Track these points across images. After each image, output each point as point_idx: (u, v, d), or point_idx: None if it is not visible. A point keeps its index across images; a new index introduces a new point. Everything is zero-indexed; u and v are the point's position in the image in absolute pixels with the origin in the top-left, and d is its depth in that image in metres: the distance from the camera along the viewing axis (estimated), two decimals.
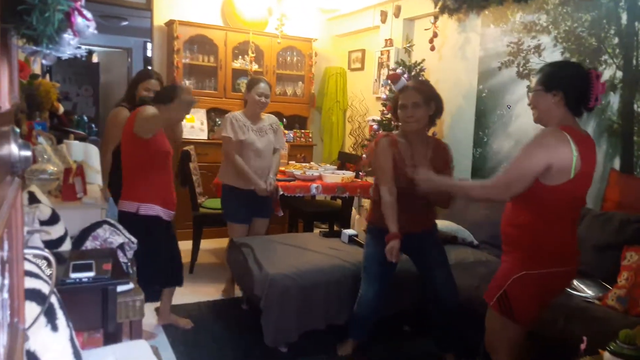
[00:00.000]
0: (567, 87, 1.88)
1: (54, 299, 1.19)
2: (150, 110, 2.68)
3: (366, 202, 5.40)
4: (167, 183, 2.83)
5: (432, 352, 2.86)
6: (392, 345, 3.02)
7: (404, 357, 2.92)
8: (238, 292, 3.57)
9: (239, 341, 2.97)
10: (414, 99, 2.57)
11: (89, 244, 2.25)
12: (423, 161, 2.61)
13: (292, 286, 2.74)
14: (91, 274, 1.70)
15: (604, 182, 3.13)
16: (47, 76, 5.58)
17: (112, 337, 1.75)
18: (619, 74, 3.07)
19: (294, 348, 2.83)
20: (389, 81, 2.68)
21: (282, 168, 4.31)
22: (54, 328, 1.15)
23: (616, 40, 3.09)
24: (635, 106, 2.98)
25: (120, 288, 2.03)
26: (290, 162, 4.77)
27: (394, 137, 2.69)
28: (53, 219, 2.02)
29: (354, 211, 4.89)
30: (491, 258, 3.25)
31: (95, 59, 8.49)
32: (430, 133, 4.30)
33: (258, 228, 3.55)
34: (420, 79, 2.72)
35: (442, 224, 3.56)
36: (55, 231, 2.03)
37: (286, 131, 5.49)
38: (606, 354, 1.11)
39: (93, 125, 7.75)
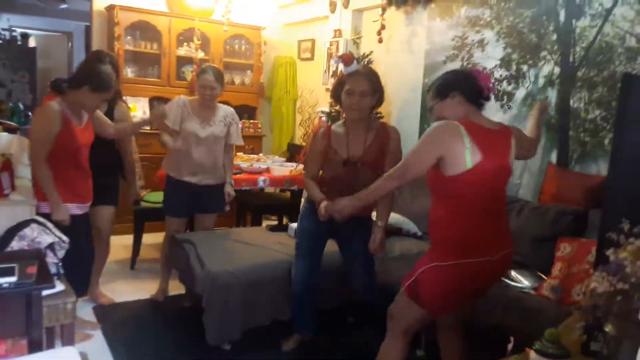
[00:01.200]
0: (459, 86, 1.98)
1: None
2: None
3: None
4: (78, 179, 2.68)
5: (377, 340, 2.88)
6: (337, 336, 3.03)
7: (350, 348, 2.93)
8: (174, 290, 3.48)
9: (181, 340, 2.89)
10: (362, 87, 2.46)
11: (15, 245, 2.12)
12: (359, 148, 2.55)
13: (235, 284, 2.69)
14: (13, 278, 1.59)
15: (541, 176, 3.23)
16: None
17: (37, 345, 1.65)
18: (557, 69, 3.17)
19: (238, 345, 2.79)
20: (340, 60, 2.57)
21: None
22: None
23: (554, 36, 3.18)
24: (571, 102, 3.09)
25: (50, 290, 1.93)
26: (237, 153, 4.68)
27: (327, 129, 2.65)
28: None
29: (303, 203, 4.87)
30: None
31: (32, 43, 8.05)
32: None
33: (204, 223, 3.42)
34: (368, 67, 2.62)
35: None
36: None
37: None
38: (532, 353, 1.14)
39: (30, 114, 7.38)
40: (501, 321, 2.37)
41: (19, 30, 7.84)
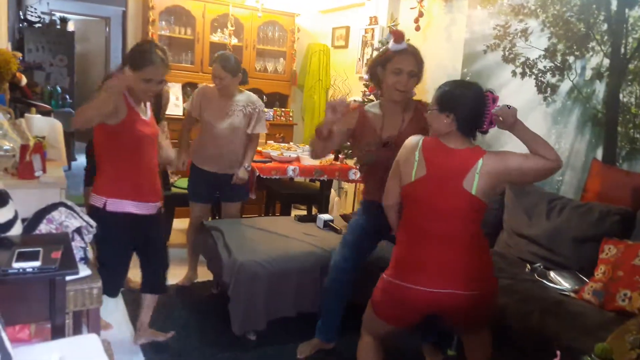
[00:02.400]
0: (459, 108, 1.87)
1: None
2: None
3: (346, 185, 5.32)
4: (141, 174, 2.40)
5: (409, 338, 2.81)
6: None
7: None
8: (203, 277, 3.46)
9: (207, 328, 2.88)
10: (411, 66, 2.31)
11: (43, 228, 2.10)
12: (394, 129, 2.41)
13: (262, 273, 2.64)
14: (37, 263, 1.57)
15: (585, 173, 3.07)
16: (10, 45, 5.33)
17: (60, 330, 1.63)
18: (606, 61, 2.98)
19: (263, 336, 2.75)
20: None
21: (259, 148, 4.18)
22: None
23: (605, 26, 2.99)
24: (621, 95, 2.90)
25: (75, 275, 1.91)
26: (268, 142, 4.63)
27: (360, 107, 2.53)
28: (0, 201, 1.87)
29: (333, 193, 4.80)
30: None
31: (70, 27, 8.15)
32: None
33: (229, 212, 3.42)
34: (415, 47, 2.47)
35: None
36: (3, 214, 1.89)
37: (266, 109, 5.32)
38: None
39: (67, 97, 7.49)
40: (540, 325, 2.25)
41: (58, 14, 7.94)
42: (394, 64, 2.32)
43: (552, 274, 2.67)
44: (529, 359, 2.26)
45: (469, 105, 1.88)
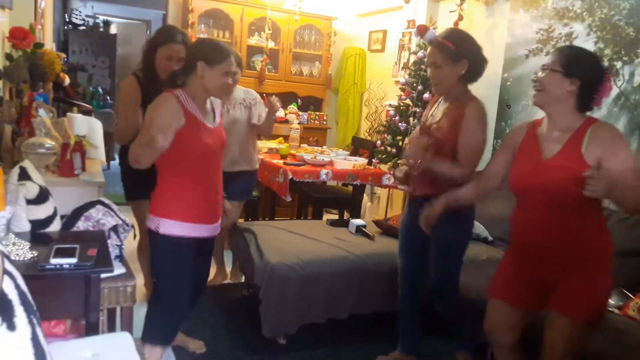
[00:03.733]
0: (586, 78, 1.71)
1: (12, 293, 1.08)
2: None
3: (379, 190, 5.26)
4: (205, 193, 2.15)
5: (442, 350, 2.75)
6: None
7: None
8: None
9: (236, 330, 2.87)
10: (432, 57, 2.23)
11: (80, 225, 2.14)
12: (435, 119, 2.31)
13: (293, 277, 2.62)
14: (73, 260, 1.59)
15: None
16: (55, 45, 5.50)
17: (93, 327, 1.65)
18: None
19: (293, 340, 2.72)
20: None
21: (292, 151, 4.18)
22: (11, 327, 1.04)
23: None
24: None
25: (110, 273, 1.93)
26: (302, 145, 4.62)
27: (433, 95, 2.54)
28: (41, 198, 1.92)
29: (365, 198, 4.75)
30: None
31: (113, 30, 8.38)
32: None
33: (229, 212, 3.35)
34: (454, 30, 2.39)
35: None
36: (43, 211, 1.93)
37: (300, 112, 5.35)
38: None
39: (108, 97, 7.70)
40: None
41: (102, 17, 8.18)
42: (427, 59, 2.32)
43: None
44: None
45: (596, 74, 1.73)
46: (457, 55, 2.18)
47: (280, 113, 5.19)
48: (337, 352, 2.72)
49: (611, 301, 2.47)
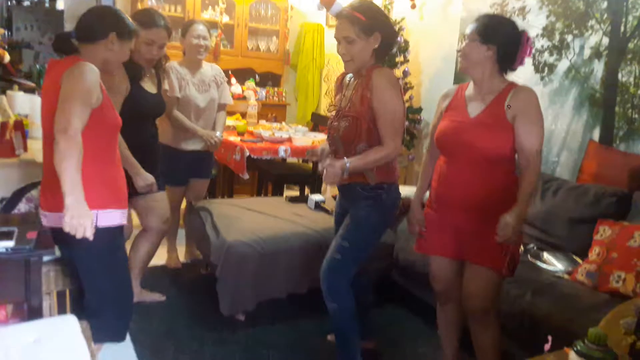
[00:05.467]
0: (501, 42, 1.87)
1: None
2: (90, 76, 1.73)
3: None
4: (120, 173, 1.95)
5: (400, 319, 2.80)
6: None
7: (372, 327, 2.82)
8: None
9: (194, 308, 2.83)
10: (345, 32, 2.00)
11: (22, 207, 2.05)
12: (346, 97, 2.15)
13: (250, 254, 2.59)
14: (10, 243, 1.51)
15: (581, 154, 3.01)
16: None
17: (36, 311, 1.58)
18: (605, 40, 2.90)
19: (252, 317, 2.71)
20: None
21: (250, 128, 4.11)
22: None
23: (605, 4, 2.91)
24: (620, 75, 2.83)
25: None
26: (260, 121, 4.55)
27: (341, 75, 2.28)
28: None
29: None
30: None
31: (60, 5, 7.97)
32: (406, 97, 4.15)
33: (197, 190, 3.29)
34: (362, 1, 2.04)
35: (412, 191, 3.41)
36: None
37: (258, 88, 5.26)
38: (572, 354, 0.99)
39: None
40: (531, 307, 2.21)
41: None
42: (334, 34, 2.07)
43: (545, 255, 2.64)
44: (519, 342, 2.23)
45: (510, 39, 1.88)
46: (369, 28, 1.99)
47: (238, 89, 5.08)
48: (297, 326, 2.72)
49: (561, 267, 2.55)
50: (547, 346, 1.11)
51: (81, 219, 1.54)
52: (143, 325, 2.59)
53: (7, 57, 3.25)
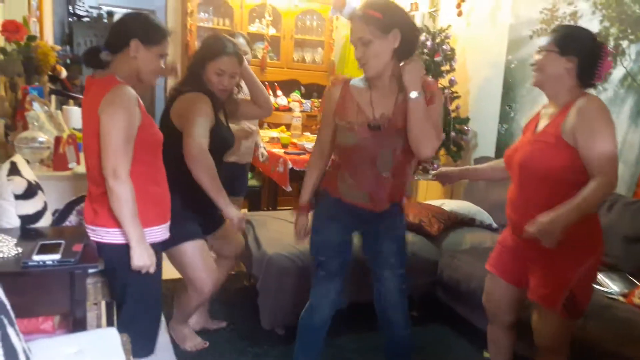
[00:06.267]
0: (583, 54, 1.72)
1: None
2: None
3: None
4: (164, 188, 1.93)
5: (440, 337, 2.74)
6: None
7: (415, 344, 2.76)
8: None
9: (237, 320, 2.86)
10: (359, 32, 1.82)
11: (72, 219, 2.14)
12: (388, 108, 1.90)
13: (291, 267, 2.60)
14: (57, 256, 1.57)
15: (638, 167, 2.84)
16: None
17: (80, 323, 1.64)
18: None
19: (292, 330, 2.70)
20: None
21: (294, 140, 4.14)
22: None
23: None
24: None
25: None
26: (304, 133, 4.58)
27: (345, 83, 2.00)
28: (29, 193, 1.90)
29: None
30: None
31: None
32: (453, 106, 4.06)
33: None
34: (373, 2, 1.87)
35: (460, 206, 3.36)
36: (32, 206, 1.92)
37: (303, 100, 5.29)
38: None
39: None
40: (582, 331, 2.09)
41: (105, 8, 8.14)
42: (350, 37, 1.90)
43: (600, 275, 2.50)
44: None
45: (591, 51, 1.73)
46: (386, 26, 1.79)
47: (283, 101, 5.14)
48: (337, 341, 2.70)
49: (616, 288, 2.41)
50: None
51: (144, 260, 1.74)
52: None
53: (64, 73, 3.41)
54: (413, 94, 1.80)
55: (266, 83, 5.01)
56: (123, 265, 1.77)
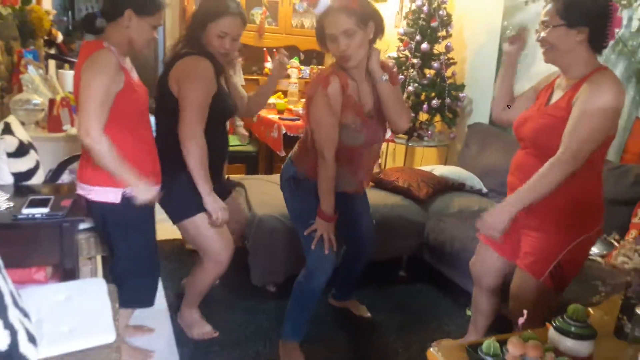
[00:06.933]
0: (592, 22, 1.60)
1: None
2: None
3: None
4: (147, 152, 1.95)
5: (427, 295, 2.87)
6: (387, 290, 2.96)
7: (401, 302, 2.85)
8: None
9: (227, 279, 2.94)
10: (344, 25, 1.83)
11: (65, 178, 2.21)
12: (369, 96, 2.02)
13: (280, 228, 2.67)
14: (45, 210, 1.65)
15: (626, 133, 2.86)
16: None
17: (70, 273, 1.73)
18: None
19: (283, 288, 2.80)
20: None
21: (290, 106, 4.17)
22: None
23: None
24: None
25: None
26: (301, 100, 4.60)
27: (343, 77, 1.96)
28: (20, 151, 1.98)
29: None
30: None
31: None
32: (449, 73, 4.06)
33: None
34: None
35: (451, 171, 3.40)
36: (24, 163, 1.99)
37: (302, 67, 5.29)
38: (550, 330, 0.98)
39: None
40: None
41: None
42: (326, 30, 1.88)
43: None
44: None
45: (600, 15, 1.59)
46: (365, 17, 1.87)
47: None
48: (325, 297, 2.79)
49: (595, 250, 2.46)
50: (521, 320, 1.11)
51: (148, 194, 1.82)
52: (177, 290, 2.74)
53: (59, 37, 3.44)
54: (384, 77, 1.96)
55: (264, 49, 5.01)
56: (111, 223, 1.84)
